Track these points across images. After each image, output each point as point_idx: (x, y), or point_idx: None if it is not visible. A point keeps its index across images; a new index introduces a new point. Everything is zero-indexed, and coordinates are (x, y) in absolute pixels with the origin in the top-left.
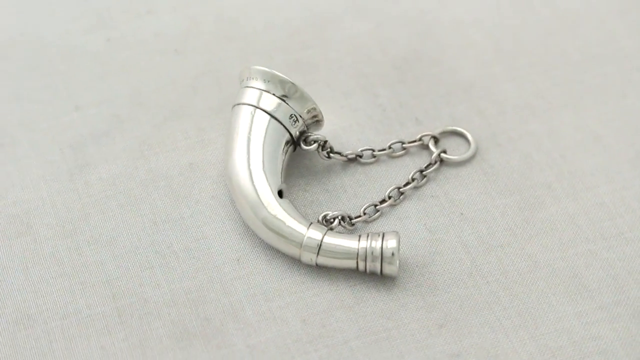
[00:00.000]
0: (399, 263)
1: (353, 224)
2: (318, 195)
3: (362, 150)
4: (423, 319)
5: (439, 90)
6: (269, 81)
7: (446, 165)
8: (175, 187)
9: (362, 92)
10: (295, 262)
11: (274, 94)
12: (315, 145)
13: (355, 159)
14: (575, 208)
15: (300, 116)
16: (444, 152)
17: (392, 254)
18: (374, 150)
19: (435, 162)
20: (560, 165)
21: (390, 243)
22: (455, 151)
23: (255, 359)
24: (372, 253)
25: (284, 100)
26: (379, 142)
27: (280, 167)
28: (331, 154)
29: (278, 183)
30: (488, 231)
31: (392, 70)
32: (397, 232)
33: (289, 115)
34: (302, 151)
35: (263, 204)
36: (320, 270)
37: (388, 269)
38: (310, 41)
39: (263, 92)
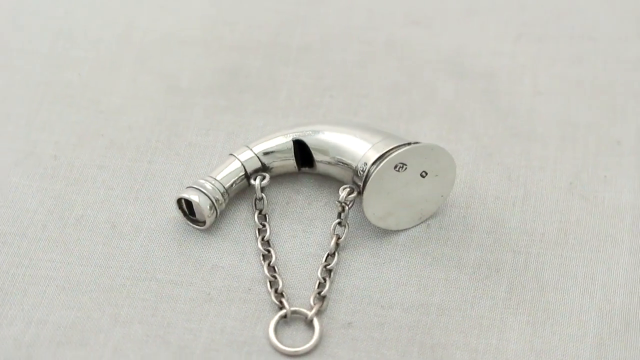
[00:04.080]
0: None
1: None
2: (301, 210)
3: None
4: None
5: None
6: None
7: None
8: None
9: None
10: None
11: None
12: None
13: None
14: None
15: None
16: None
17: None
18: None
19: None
20: None
21: (193, 196)
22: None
23: None
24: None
25: (389, 155)
26: None
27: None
28: None
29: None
30: None
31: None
32: (199, 198)
33: (370, 162)
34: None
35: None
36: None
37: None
38: None
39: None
